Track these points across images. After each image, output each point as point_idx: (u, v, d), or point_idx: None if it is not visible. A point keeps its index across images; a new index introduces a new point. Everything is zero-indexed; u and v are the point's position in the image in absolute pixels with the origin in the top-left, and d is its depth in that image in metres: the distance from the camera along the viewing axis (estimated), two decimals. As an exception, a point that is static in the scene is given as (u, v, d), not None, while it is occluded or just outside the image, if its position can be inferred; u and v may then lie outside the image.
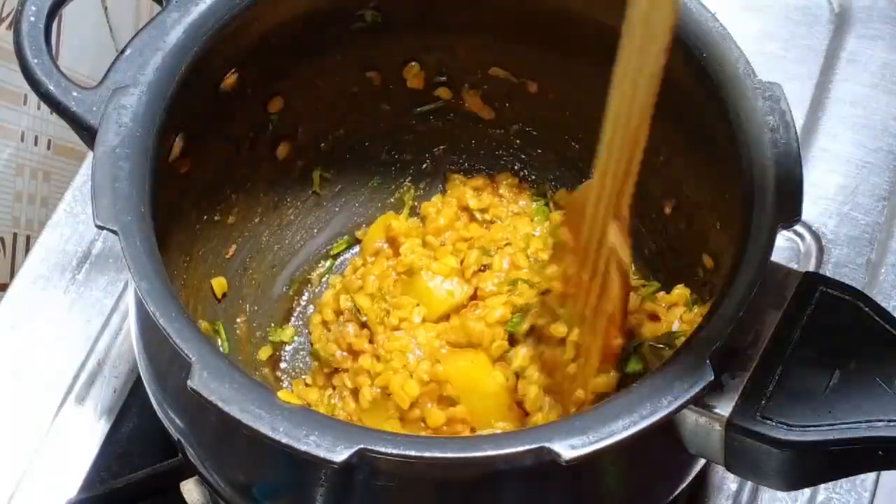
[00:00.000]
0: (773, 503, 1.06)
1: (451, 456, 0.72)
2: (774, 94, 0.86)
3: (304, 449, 0.71)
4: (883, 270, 1.18)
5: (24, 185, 1.31)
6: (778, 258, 1.15)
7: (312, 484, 0.82)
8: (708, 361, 0.75)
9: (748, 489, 1.06)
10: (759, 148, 0.84)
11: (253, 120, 1.05)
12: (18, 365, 1.12)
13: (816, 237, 1.20)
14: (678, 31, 0.90)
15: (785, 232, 1.04)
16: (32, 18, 0.88)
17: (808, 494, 1.06)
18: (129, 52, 0.88)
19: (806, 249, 1.19)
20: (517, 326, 0.99)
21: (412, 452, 0.71)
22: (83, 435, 1.09)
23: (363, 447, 0.71)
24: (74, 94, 0.87)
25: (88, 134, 0.86)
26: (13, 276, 1.17)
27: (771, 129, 0.85)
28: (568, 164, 1.14)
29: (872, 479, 1.06)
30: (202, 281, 1.05)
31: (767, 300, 0.82)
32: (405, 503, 0.83)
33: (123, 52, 0.88)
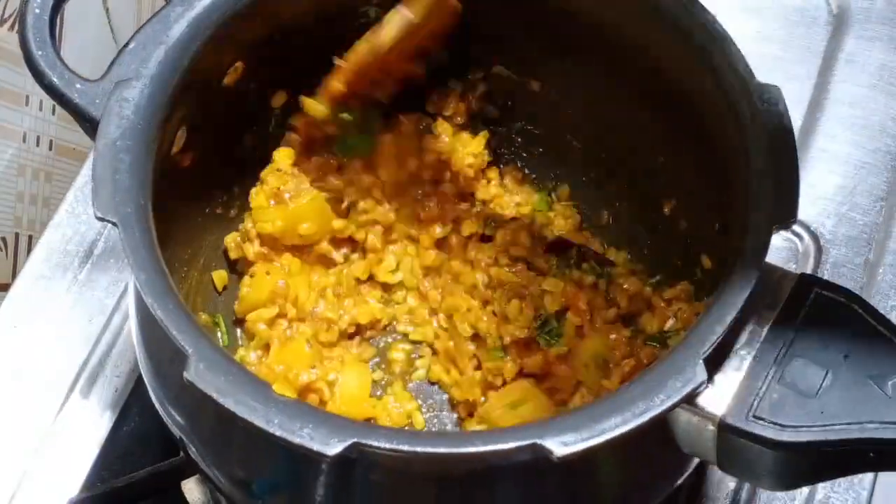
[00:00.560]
0: (771, 502, 1.06)
1: (442, 451, 0.72)
2: (773, 95, 0.86)
3: (298, 442, 0.71)
4: (881, 270, 1.18)
5: (25, 185, 1.31)
6: (776, 258, 1.17)
7: (311, 479, 0.82)
8: (701, 361, 0.76)
9: (746, 487, 1.06)
10: (756, 150, 0.84)
11: (255, 114, 1.06)
12: (20, 364, 1.12)
13: (815, 237, 1.19)
14: (679, 31, 0.91)
15: (783, 232, 1.04)
16: (37, 10, 0.88)
17: (806, 493, 1.06)
18: (132, 45, 0.88)
19: (804, 249, 1.19)
20: None
21: (405, 447, 0.72)
22: (85, 434, 1.09)
23: (357, 441, 0.71)
24: (78, 86, 0.87)
25: (91, 126, 0.86)
26: (15, 276, 1.17)
27: (769, 130, 0.85)
28: (569, 162, 1.14)
29: (871, 478, 1.07)
30: (203, 273, 1.05)
31: (762, 301, 0.82)
32: (400, 498, 0.83)
33: (127, 45, 0.89)
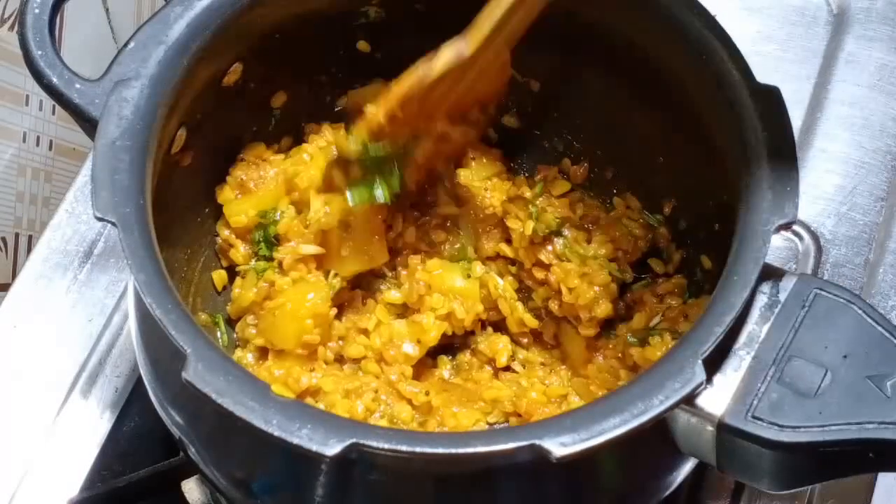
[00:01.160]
0: (771, 501, 1.06)
1: (441, 451, 0.72)
2: (773, 95, 0.86)
3: (296, 442, 0.71)
4: (881, 270, 1.18)
5: (25, 185, 1.31)
6: (776, 258, 1.17)
7: (310, 479, 0.82)
8: (700, 362, 0.76)
9: (747, 487, 1.06)
10: (756, 150, 0.84)
11: (255, 114, 1.06)
12: (20, 364, 1.12)
13: (815, 237, 1.20)
14: (679, 32, 0.91)
15: (783, 232, 1.04)
16: (37, 10, 0.88)
17: (805, 493, 1.06)
18: (132, 45, 0.88)
19: (804, 249, 1.19)
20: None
21: (403, 447, 0.72)
22: (85, 434, 1.09)
23: (355, 441, 0.71)
24: (77, 86, 0.87)
25: (90, 126, 0.86)
26: (15, 276, 1.17)
27: (769, 131, 0.85)
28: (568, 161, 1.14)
29: (871, 478, 1.06)
30: (202, 273, 1.05)
31: (761, 301, 0.82)
32: (400, 498, 0.83)
33: (127, 45, 0.88)
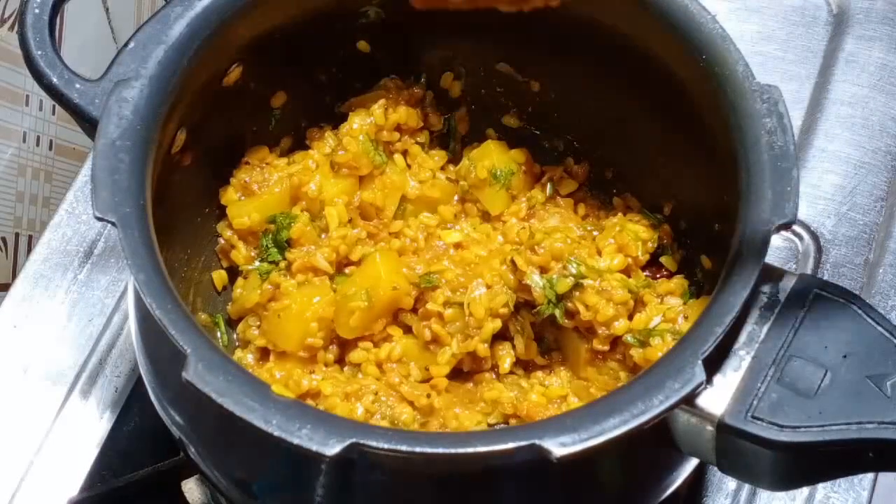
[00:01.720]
0: (771, 501, 1.06)
1: (441, 451, 0.72)
2: (772, 96, 0.86)
3: (296, 442, 0.71)
4: (881, 270, 1.18)
5: (25, 185, 1.31)
6: (776, 258, 1.17)
7: (310, 479, 0.82)
8: (700, 362, 0.76)
9: (747, 488, 1.06)
10: (756, 150, 0.84)
11: (255, 114, 1.06)
12: (20, 364, 1.12)
13: (815, 237, 1.20)
14: (679, 32, 0.91)
15: (783, 232, 1.04)
16: (37, 10, 0.88)
17: (806, 493, 1.06)
18: (132, 45, 0.88)
19: (804, 249, 1.19)
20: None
21: (403, 447, 0.72)
22: (85, 434, 1.10)
23: (355, 441, 0.72)
24: (77, 86, 0.87)
25: (90, 126, 0.86)
26: (15, 276, 1.17)
27: (768, 131, 0.85)
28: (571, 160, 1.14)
29: (871, 477, 1.07)
30: (202, 274, 1.05)
31: (761, 301, 0.82)
32: (400, 498, 0.83)
33: (126, 45, 0.88)
